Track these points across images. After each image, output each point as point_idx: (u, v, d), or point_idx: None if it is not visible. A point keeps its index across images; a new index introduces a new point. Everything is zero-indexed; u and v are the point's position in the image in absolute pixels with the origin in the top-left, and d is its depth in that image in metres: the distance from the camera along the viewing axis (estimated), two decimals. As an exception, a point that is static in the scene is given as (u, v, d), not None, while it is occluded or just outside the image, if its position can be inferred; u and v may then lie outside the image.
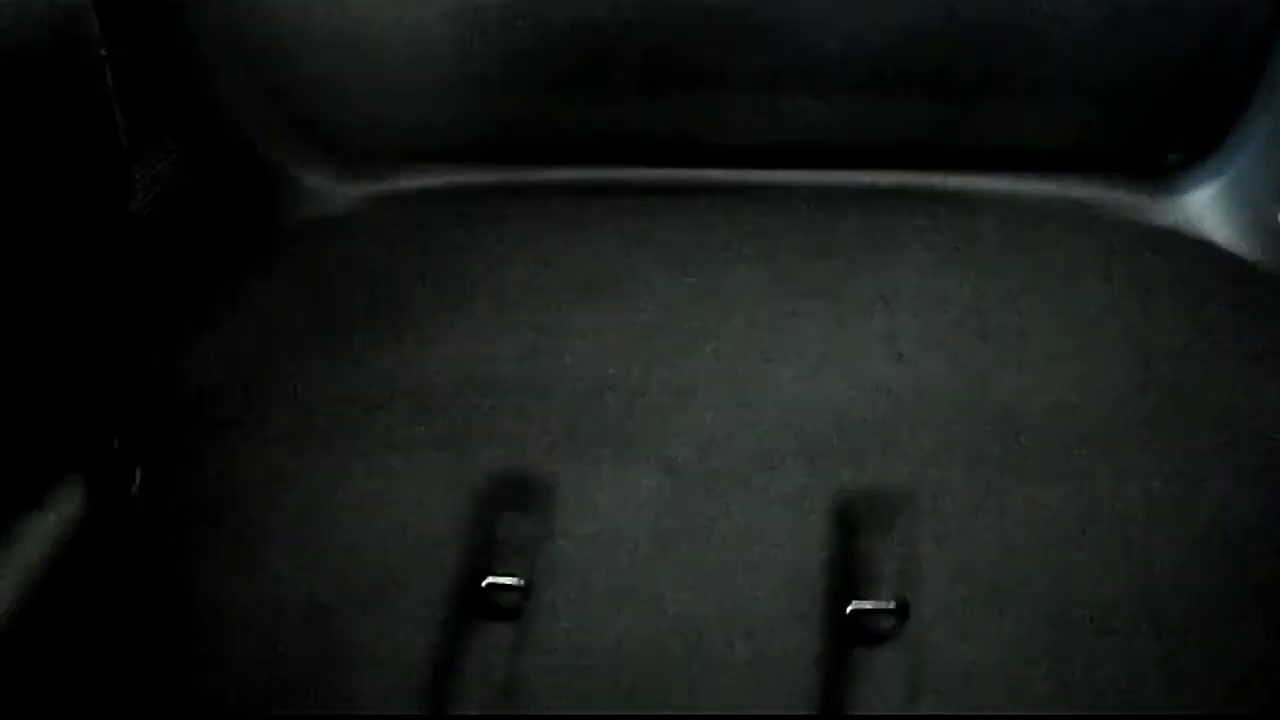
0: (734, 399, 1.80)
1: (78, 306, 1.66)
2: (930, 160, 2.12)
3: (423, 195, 2.15)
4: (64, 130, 1.55)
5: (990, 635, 1.57)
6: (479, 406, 1.81)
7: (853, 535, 1.68)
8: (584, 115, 2.10)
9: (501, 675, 1.60)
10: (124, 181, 1.76)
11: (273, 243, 2.09)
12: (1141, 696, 1.52)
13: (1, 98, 1.51)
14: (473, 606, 1.66)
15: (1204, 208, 2.05)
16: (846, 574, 1.65)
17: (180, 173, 1.92)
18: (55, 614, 1.61)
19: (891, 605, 1.63)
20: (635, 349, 1.86)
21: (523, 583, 1.66)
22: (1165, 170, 2.09)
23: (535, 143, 2.15)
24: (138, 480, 1.74)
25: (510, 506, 1.73)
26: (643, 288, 1.94)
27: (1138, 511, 1.66)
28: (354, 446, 1.78)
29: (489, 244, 2.03)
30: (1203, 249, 2.00)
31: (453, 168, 2.16)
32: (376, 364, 1.87)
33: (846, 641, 1.61)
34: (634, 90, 2.10)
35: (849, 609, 1.62)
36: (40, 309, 1.59)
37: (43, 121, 1.52)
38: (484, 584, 1.67)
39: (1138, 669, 1.54)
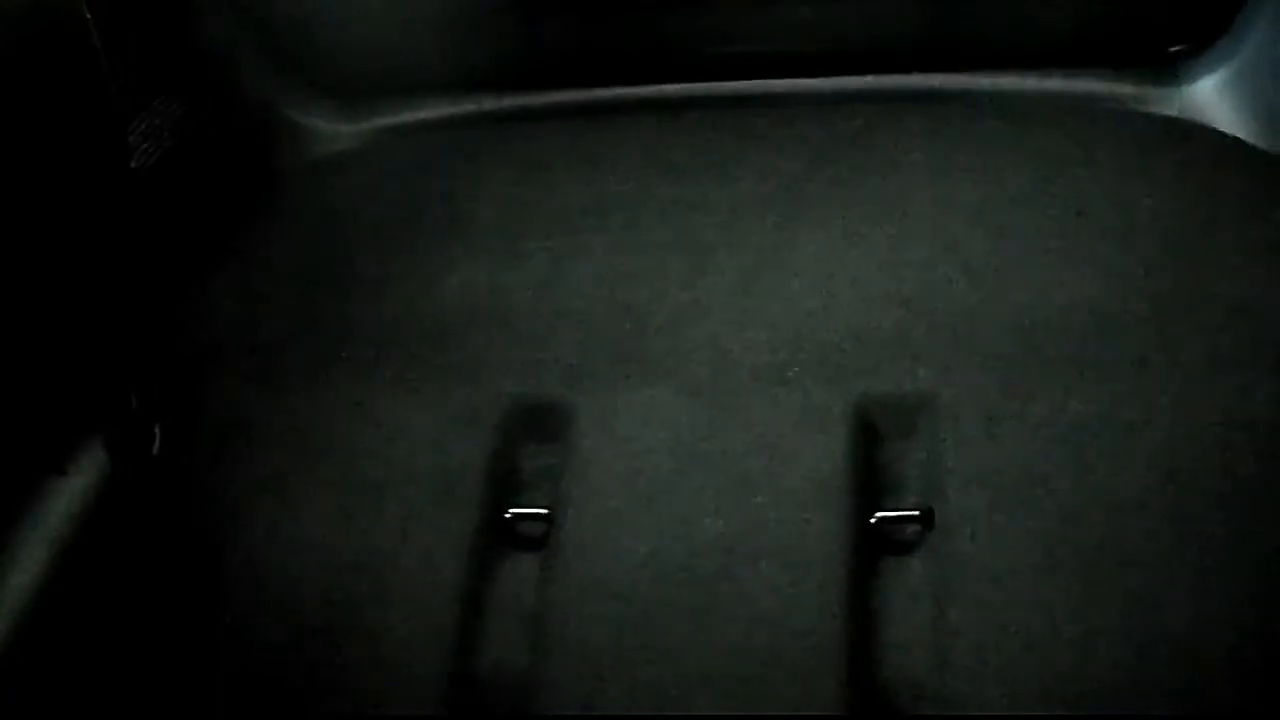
0: (747, 314, 1.79)
1: (85, 269, 1.65)
2: (932, 61, 2.09)
3: (422, 128, 2.14)
4: (55, 94, 1.54)
5: (1016, 539, 1.57)
6: (493, 337, 1.80)
7: (873, 445, 1.68)
8: (579, 36, 2.08)
9: (530, 606, 1.61)
10: (121, 140, 1.75)
11: (275, 187, 2.08)
12: (1169, 595, 1.52)
13: None
14: (498, 538, 1.66)
15: (1209, 96, 2.03)
16: (869, 484, 1.65)
17: (177, 126, 1.91)
18: (85, 579, 1.61)
19: (916, 513, 1.63)
20: (645, 269, 1.86)
21: (546, 512, 1.67)
22: (1169, 60, 2.07)
23: (530, 68, 2.13)
24: (158, 438, 1.74)
25: (530, 436, 1.73)
26: (649, 206, 1.93)
27: (1157, 407, 1.65)
28: (370, 385, 1.78)
29: (490, 173, 2.02)
30: (1210, 137, 1.98)
31: (450, 98, 2.15)
32: (387, 300, 1.86)
33: (873, 552, 1.61)
34: (628, 7, 2.08)
35: (874, 519, 1.62)
36: (48, 275, 1.59)
37: (33, 88, 1.51)
38: (508, 515, 1.68)
39: (1164, 566, 1.54)
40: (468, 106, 2.13)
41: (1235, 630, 1.50)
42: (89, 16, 1.60)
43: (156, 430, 1.74)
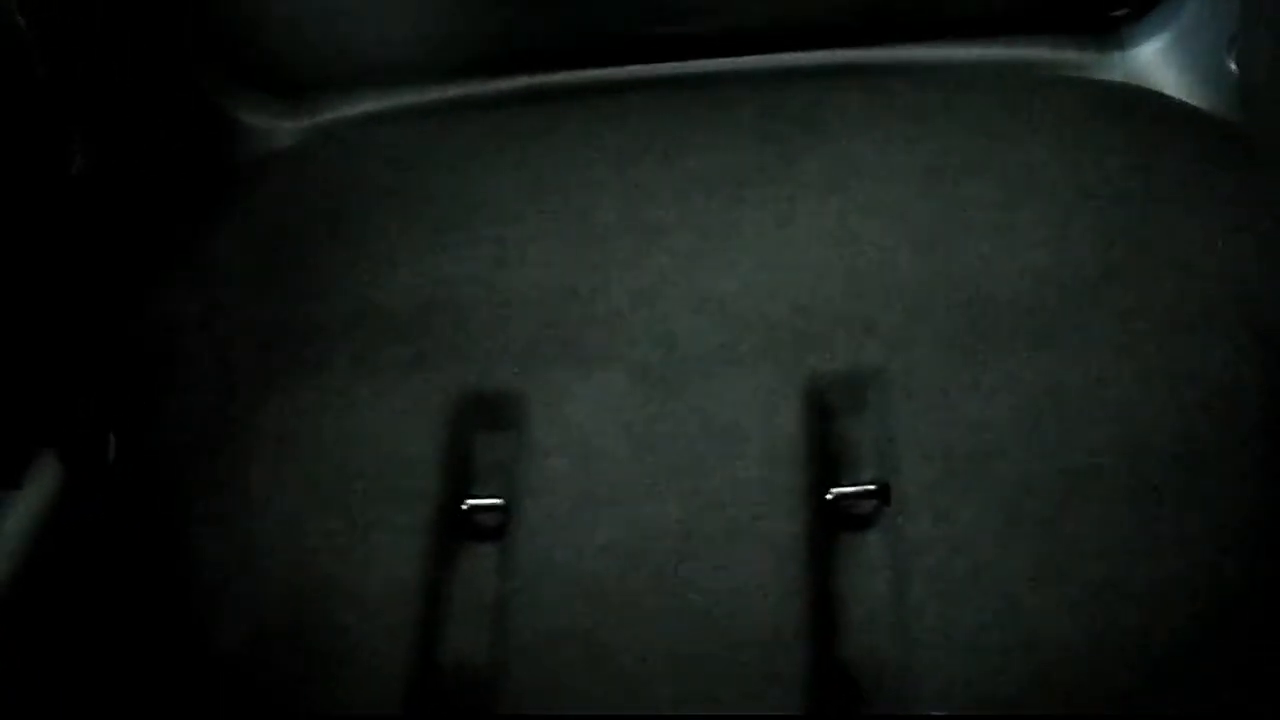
0: (695, 294, 1.78)
1: (30, 281, 1.64)
2: (873, 34, 2.09)
3: (363, 122, 2.12)
4: None
5: (973, 510, 1.57)
6: (443, 327, 1.80)
7: (827, 420, 1.68)
8: (518, 24, 2.07)
9: (491, 596, 1.61)
10: (61, 146, 1.74)
11: (222, 187, 2.06)
12: (1128, 561, 1.53)
13: None
14: (455, 530, 1.66)
15: (1153, 60, 2.03)
16: (824, 460, 1.65)
17: (118, 129, 1.90)
18: (45, 590, 1.60)
19: (872, 488, 1.63)
20: (592, 254, 1.85)
21: (503, 502, 1.67)
22: (1112, 25, 2.06)
23: (470, 57, 2.12)
24: (113, 446, 1.73)
25: (483, 426, 1.72)
26: (594, 190, 1.92)
27: (1112, 373, 1.65)
28: (322, 380, 1.77)
29: (434, 164, 2.00)
30: (1155, 102, 1.98)
31: (391, 91, 2.13)
32: (336, 297, 1.86)
33: (830, 529, 1.61)
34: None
35: (830, 495, 1.62)
36: None
37: None
38: (464, 506, 1.67)
39: (1123, 530, 1.55)
40: (409, 99, 2.12)
41: (1195, 591, 1.51)
42: (22, 20, 1.60)
43: (111, 438, 1.73)
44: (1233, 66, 1.90)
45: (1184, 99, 1.97)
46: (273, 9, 2.06)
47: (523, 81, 2.11)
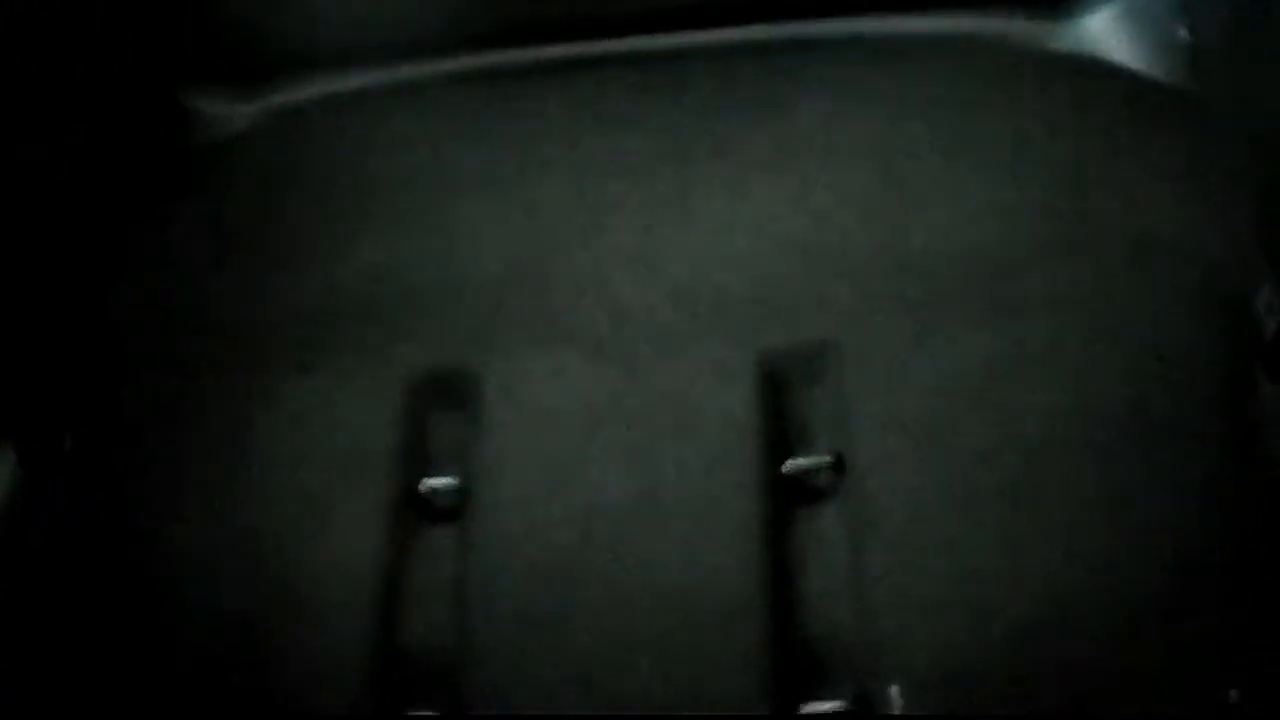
0: (647, 271, 1.78)
1: None
2: (820, 7, 2.08)
3: (309, 107, 2.11)
4: None
5: (930, 480, 1.58)
6: (395, 311, 1.79)
7: (782, 394, 1.68)
8: (469, 3, 2.06)
9: (449, 578, 1.60)
10: (5, 136, 1.73)
11: (173, 173, 2.06)
12: (1088, 529, 1.53)
13: None
14: (412, 512, 1.66)
15: (1104, 30, 2.02)
16: (780, 434, 1.65)
17: (66, 118, 1.89)
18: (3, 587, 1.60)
19: (828, 459, 1.63)
20: (543, 233, 1.85)
21: (459, 482, 1.66)
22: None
23: (414, 37, 2.11)
24: (69, 438, 1.72)
25: (438, 407, 1.72)
26: (545, 169, 1.92)
27: (1066, 343, 1.66)
28: (275, 365, 1.76)
29: (382, 146, 2.00)
30: (1106, 72, 1.97)
31: (337, 74, 2.12)
32: (288, 283, 1.85)
33: (787, 501, 1.61)
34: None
35: (786, 468, 1.62)
36: None
37: None
38: (421, 488, 1.67)
39: (1080, 499, 1.55)
40: (355, 82, 2.11)
41: (1155, 559, 1.51)
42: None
43: (67, 431, 1.72)
44: (1184, 34, 1.90)
45: (1136, 67, 1.97)
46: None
47: (473, 62, 2.10)
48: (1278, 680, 1.44)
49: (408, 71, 2.11)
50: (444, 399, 1.72)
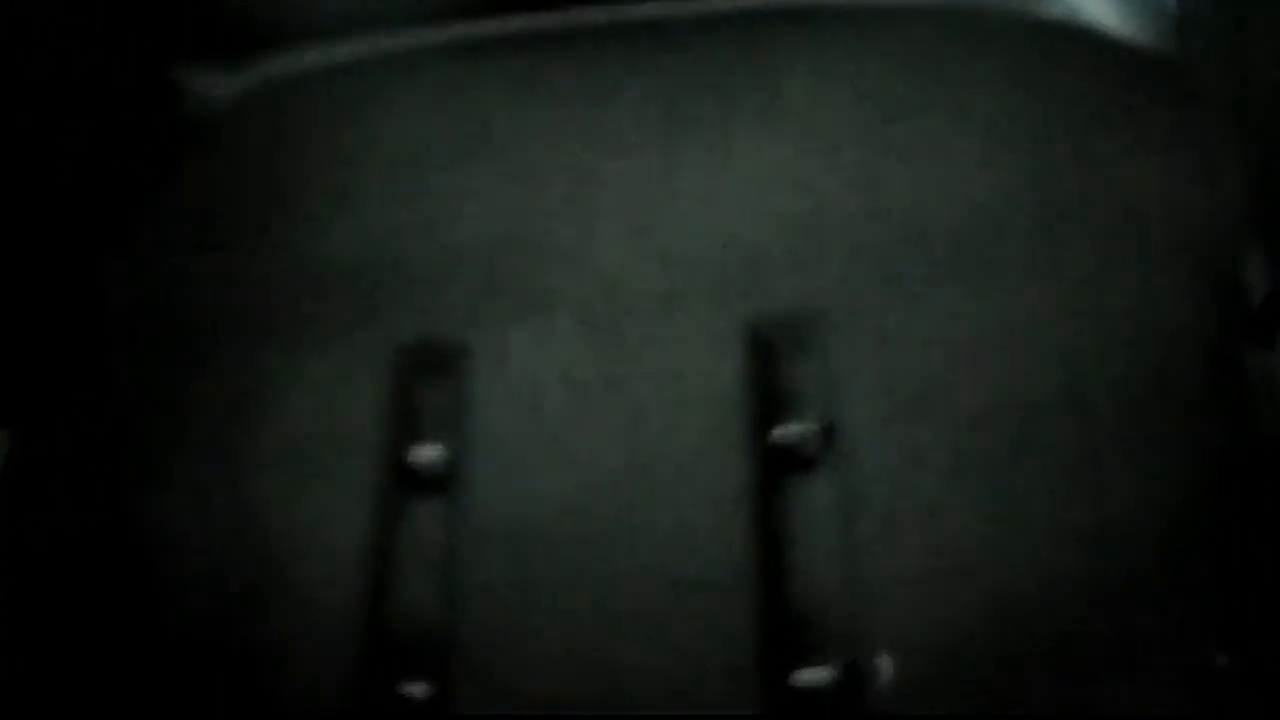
0: (635, 241, 1.78)
1: None
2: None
3: (295, 80, 2.10)
4: None
5: (921, 448, 1.58)
6: (384, 282, 1.79)
7: (771, 363, 1.68)
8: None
9: (438, 550, 1.60)
10: None
11: (160, 148, 2.05)
12: (1079, 500, 1.53)
13: None
14: (401, 483, 1.65)
15: (1090, -4, 2.03)
16: (769, 403, 1.65)
17: (47, 96, 1.88)
18: None
19: (817, 428, 1.62)
20: (531, 202, 1.84)
21: (448, 454, 1.66)
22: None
23: (407, 7, 2.11)
24: (64, 424, 1.72)
25: (426, 378, 1.72)
26: (531, 138, 1.91)
27: (1056, 309, 1.66)
28: (262, 338, 1.76)
29: (369, 118, 1.99)
30: (1093, 38, 1.97)
31: (324, 46, 2.11)
32: (275, 252, 1.85)
33: (776, 470, 1.61)
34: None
35: (775, 437, 1.62)
36: None
37: None
38: (409, 459, 1.66)
39: (1068, 468, 1.55)
40: (343, 53, 2.11)
41: (1146, 531, 1.51)
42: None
43: (61, 416, 1.72)
44: (1172, 1, 1.90)
45: (1123, 35, 1.97)
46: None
47: (461, 31, 2.10)
48: (1266, 646, 1.45)
49: (396, 42, 2.11)
50: (432, 369, 1.72)
